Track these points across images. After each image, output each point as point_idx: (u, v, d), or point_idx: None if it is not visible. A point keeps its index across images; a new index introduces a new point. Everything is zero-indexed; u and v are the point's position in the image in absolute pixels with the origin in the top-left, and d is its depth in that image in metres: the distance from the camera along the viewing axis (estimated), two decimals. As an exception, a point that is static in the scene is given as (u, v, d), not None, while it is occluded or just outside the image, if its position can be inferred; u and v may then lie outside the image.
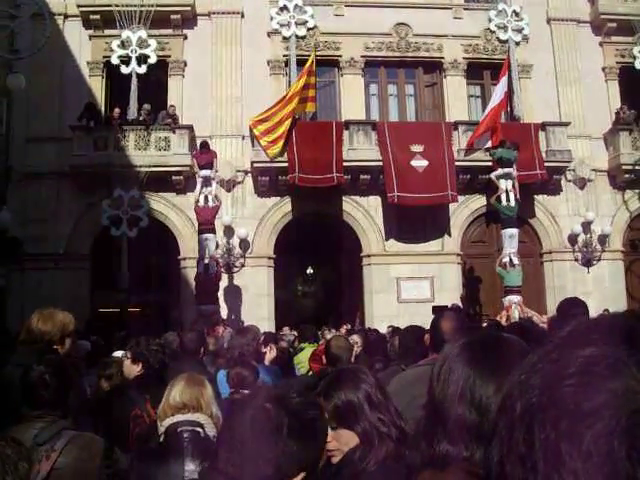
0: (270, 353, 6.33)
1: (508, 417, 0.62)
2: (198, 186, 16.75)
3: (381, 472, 2.10)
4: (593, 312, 6.53)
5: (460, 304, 17.52)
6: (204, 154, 16.73)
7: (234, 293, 18.40)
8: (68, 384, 3.21)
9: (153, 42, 18.20)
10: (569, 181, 20.28)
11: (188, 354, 5.51)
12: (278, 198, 19.18)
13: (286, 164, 17.99)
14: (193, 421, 3.11)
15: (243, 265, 18.66)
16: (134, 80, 17.90)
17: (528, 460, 0.58)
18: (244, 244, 18.60)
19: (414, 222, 18.81)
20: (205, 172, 16.60)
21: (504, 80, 18.76)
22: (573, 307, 4.65)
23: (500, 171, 17.48)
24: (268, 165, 18.42)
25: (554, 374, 0.59)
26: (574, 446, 0.54)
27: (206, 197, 16.67)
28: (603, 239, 19.78)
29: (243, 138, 19.07)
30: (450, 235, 19.46)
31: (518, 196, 17.45)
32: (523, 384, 0.62)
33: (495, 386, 1.28)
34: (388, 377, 4.16)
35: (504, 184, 17.62)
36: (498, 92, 18.59)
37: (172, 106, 19.11)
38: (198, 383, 3.28)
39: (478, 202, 19.71)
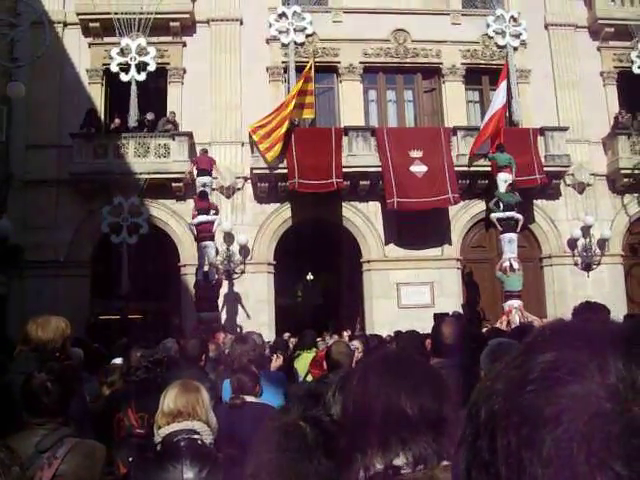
0: (276, 361, 6.36)
1: (473, 424, 0.62)
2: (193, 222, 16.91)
3: None
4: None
5: (460, 310, 17.52)
6: (202, 201, 16.72)
7: (234, 300, 18.40)
8: (70, 391, 3.22)
9: (152, 50, 18.25)
10: (568, 185, 20.30)
11: (189, 361, 5.51)
12: (278, 204, 19.20)
13: (286, 170, 18.03)
14: (190, 429, 3.11)
15: (243, 272, 18.67)
16: (133, 88, 17.95)
17: (492, 467, 0.58)
18: (244, 250, 18.61)
19: (414, 227, 18.81)
20: (201, 218, 16.64)
21: (504, 85, 18.77)
22: (589, 312, 4.59)
23: (501, 214, 17.46)
24: (267, 171, 18.45)
25: (516, 380, 0.59)
26: (535, 452, 0.54)
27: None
28: (602, 243, 19.79)
29: (242, 145, 19.10)
30: (450, 240, 19.47)
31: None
32: (488, 391, 0.62)
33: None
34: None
35: (503, 178, 17.74)
36: (498, 97, 18.58)
37: (172, 113, 19.16)
38: (193, 389, 3.26)
39: (477, 207, 19.73)
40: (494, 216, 17.68)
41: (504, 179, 17.80)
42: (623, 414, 0.53)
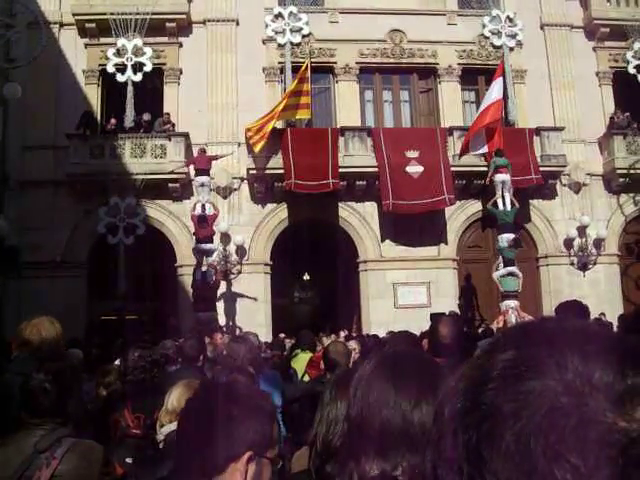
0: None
1: (438, 423, 0.64)
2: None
3: None
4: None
5: (457, 310, 17.54)
6: (202, 227, 16.61)
7: (231, 300, 18.40)
8: (68, 392, 3.22)
9: (149, 50, 18.24)
10: (564, 185, 20.34)
11: (187, 361, 5.51)
12: (274, 205, 19.21)
13: (282, 171, 18.03)
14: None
15: (240, 272, 18.67)
16: (130, 88, 17.93)
17: (454, 464, 0.60)
18: (241, 251, 18.61)
19: (410, 227, 18.83)
20: (202, 246, 16.57)
21: (499, 83, 18.66)
22: (569, 310, 4.59)
23: (502, 271, 17.28)
24: (264, 172, 18.46)
25: (477, 379, 0.61)
26: (494, 447, 0.56)
27: (203, 205, 16.79)
28: (599, 243, 19.82)
29: (239, 145, 19.09)
30: (446, 240, 19.49)
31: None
32: (452, 390, 0.64)
33: (412, 400, 1.29)
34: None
35: (500, 189, 17.70)
36: (492, 92, 18.49)
37: (167, 114, 19.16)
38: None
39: (474, 207, 19.76)
40: (495, 275, 17.42)
41: (501, 180, 17.79)
42: (580, 408, 0.54)
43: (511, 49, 20.52)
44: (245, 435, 1.69)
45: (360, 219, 19.42)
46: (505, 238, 17.43)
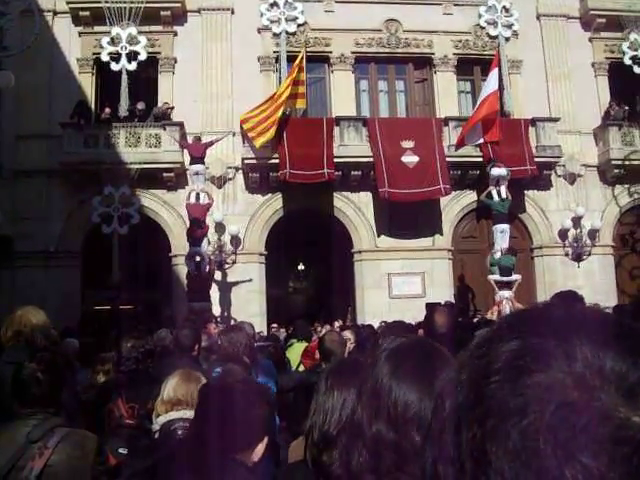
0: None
1: (439, 417, 0.61)
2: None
3: None
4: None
5: (452, 300, 17.54)
6: (195, 229, 16.42)
7: (225, 290, 18.38)
8: (61, 381, 3.20)
9: (143, 39, 18.07)
10: (559, 176, 20.35)
11: (182, 351, 5.49)
12: (269, 194, 19.17)
13: (277, 160, 17.99)
14: (187, 418, 3.10)
15: (234, 262, 18.65)
16: (124, 77, 17.79)
17: (457, 461, 0.56)
18: (235, 241, 18.58)
19: (405, 218, 18.83)
20: (195, 249, 16.41)
21: (495, 74, 18.58)
22: (565, 301, 4.53)
23: (498, 277, 17.16)
24: (259, 162, 18.40)
25: (480, 371, 0.57)
26: (500, 446, 0.53)
27: (197, 194, 16.70)
28: (593, 234, 19.86)
29: (234, 135, 19.01)
30: (441, 231, 19.49)
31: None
32: (452, 382, 0.61)
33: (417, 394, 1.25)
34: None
35: (495, 182, 17.66)
36: (489, 84, 18.43)
37: (166, 103, 19.10)
38: (194, 379, 3.26)
39: (469, 198, 19.76)
40: (491, 278, 17.16)
41: (497, 174, 17.74)
42: (591, 403, 0.51)
43: (507, 39, 20.39)
44: (265, 422, 2.19)
45: (355, 209, 19.40)
46: (499, 228, 17.43)
